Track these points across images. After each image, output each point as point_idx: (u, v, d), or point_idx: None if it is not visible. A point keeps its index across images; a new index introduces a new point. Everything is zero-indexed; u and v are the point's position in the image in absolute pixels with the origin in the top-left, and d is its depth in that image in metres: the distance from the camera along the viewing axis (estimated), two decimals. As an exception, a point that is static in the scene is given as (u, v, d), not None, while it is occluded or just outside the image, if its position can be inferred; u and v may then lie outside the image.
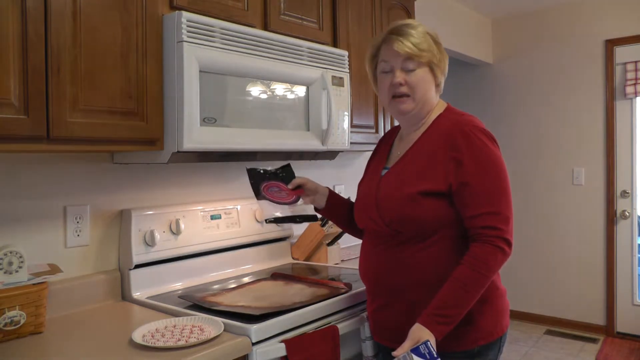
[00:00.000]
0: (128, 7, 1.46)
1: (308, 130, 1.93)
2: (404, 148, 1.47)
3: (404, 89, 1.40)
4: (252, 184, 1.61)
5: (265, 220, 1.59)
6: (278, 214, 1.58)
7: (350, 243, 2.49)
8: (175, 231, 1.83)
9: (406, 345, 1.23)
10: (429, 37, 1.41)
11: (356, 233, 1.67)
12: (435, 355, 1.19)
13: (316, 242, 2.24)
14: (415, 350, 1.19)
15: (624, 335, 3.95)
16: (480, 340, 1.36)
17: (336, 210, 1.66)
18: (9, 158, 1.54)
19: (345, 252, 2.40)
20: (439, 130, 1.40)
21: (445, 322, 1.25)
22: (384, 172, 1.48)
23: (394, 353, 1.23)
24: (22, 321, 1.36)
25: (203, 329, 1.38)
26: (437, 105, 1.47)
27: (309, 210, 1.63)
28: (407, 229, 1.37)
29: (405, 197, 1.36)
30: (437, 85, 1.45)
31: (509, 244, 1.31)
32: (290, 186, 1.57)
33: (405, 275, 1.38)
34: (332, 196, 1.64)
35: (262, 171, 1.58)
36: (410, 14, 2.67)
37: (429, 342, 1.20)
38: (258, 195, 1.60)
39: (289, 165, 1.60)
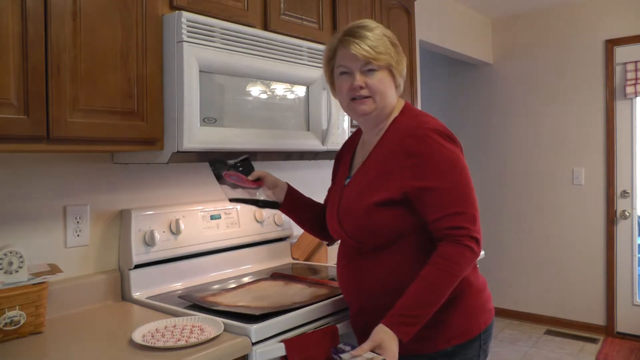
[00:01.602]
0: (128, 7, 1.46)
1: (308, 130, 1.93)
2: (364, 155, 1.46)
3: (364, 92, 1.37)
4: (213, 172, 1.59)
5: (230, 199, 1.59)
6: (239, 197, 1.59)
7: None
8: (175, 231, 1.83)
9: (365, 347, 1.21)
10: (386, 39, 1.37)
11: (316, 233, 1.69)
12: None
13: (316, 242, 2.24)
14: None
15: (624, 335, 3.95)
16: (454, 339, 1.33)
17: (294, 208, 1.63)
18: (9, 158, 1.54)
19: (345, 252, 2.40)
20: (394, 136, 1.38)
21: (410, 323, 1.23)
22: (347, 181, 1.47)
23: (352, 352, 1.21)
24: (22, 321, 1.36)
25: (203, 329, 1.38)
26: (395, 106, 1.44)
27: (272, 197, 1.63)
28: (368, 240, 1.36)
29: (362, 209, 1.34)
30: (397, 87, 1.42)
31: (478, 243, 1.28)
32: (250, 177, 1.56)
33: (373, 284, 1.37)
34: (291, 192, 1.62)
35: (222, 161, 1.57)
36: (410, 14, 2.67)
37: None
38: (220, 179, 1.58)
39: (247, 159, 1.59)
